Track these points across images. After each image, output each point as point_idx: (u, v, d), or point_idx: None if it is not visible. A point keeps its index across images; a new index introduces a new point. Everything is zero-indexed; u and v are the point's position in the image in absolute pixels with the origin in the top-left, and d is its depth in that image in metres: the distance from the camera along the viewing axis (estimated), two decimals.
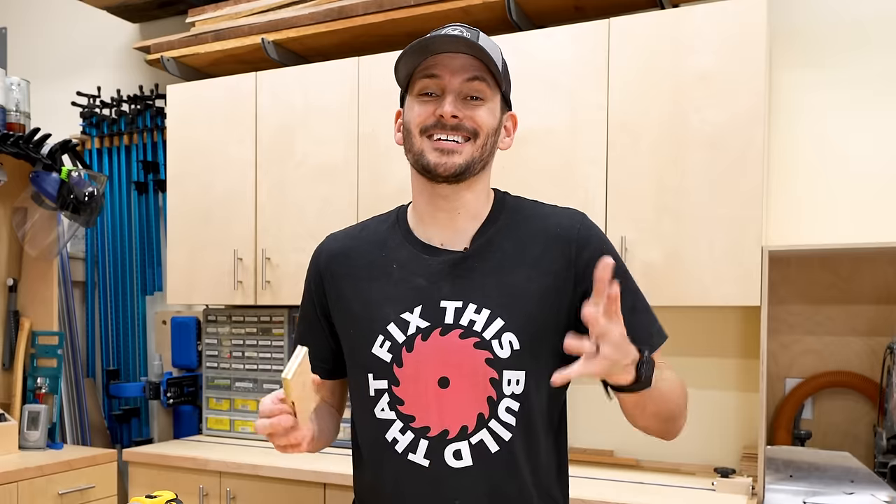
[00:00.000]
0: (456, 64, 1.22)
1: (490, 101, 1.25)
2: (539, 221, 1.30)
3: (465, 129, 1.23)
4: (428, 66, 1.23)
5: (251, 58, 3.08)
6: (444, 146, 1.23)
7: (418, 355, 1.25)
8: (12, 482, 2.61)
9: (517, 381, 1.24)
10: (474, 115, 1.23)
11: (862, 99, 2.42)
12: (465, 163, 1.23)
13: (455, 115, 1.21)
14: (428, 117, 1.23)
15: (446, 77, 1.23)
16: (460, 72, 1.22)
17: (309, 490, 2.51)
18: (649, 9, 2.53)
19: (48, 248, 3.13)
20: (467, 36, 1.21)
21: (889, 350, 2.27)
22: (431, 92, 1.24)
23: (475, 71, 1.23)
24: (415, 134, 1.25)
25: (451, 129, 1.22)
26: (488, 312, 1.24)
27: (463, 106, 1.23)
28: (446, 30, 1.23)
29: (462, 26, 1.24)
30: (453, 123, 1.22)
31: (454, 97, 1.22)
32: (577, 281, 1.26)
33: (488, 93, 1.24)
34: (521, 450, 1.25)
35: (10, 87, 2.99)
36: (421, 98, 1.25)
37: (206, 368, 3.22)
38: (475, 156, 1.24)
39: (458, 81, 1.22)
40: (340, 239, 1.40)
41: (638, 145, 2.35)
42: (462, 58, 1.23)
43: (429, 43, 1.21)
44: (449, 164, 1.23)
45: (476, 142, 1.24)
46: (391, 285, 1.29)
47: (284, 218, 2.89)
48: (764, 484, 2.20)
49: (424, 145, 1.24)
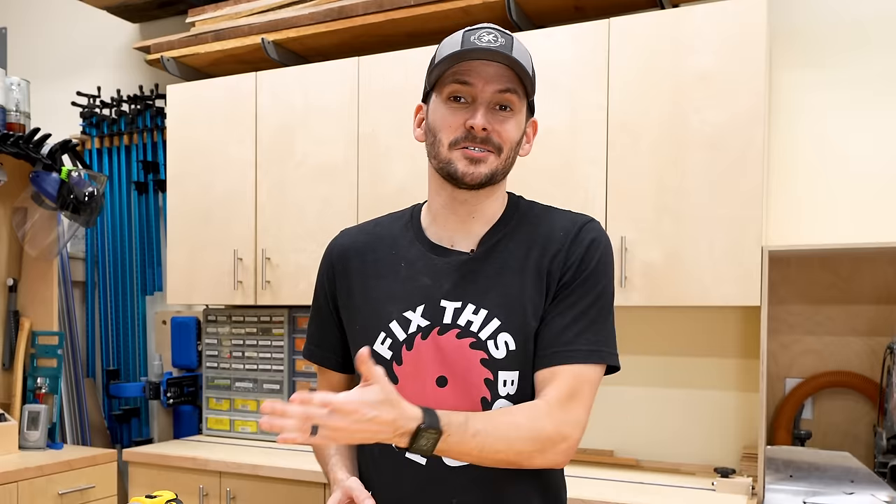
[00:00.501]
0: (490, 72, 1.21)
1: (518, 114, 1.25)
2: (546, 226, 1.30)
3: (493, 143, 1.23)
4: (461, 72, 1.22)
5: (251, 58, 3.08)
6: (473, 155, 1.22)
7: (417, 354, 1.26)
8: (12, 482, 2.61)
9: (512, 382, 1.24)
10: (502, 129, 1.23)
11: (862, 99, 2.42)
12: (489, 173, 1.24)
13: (485, 127, 1.21)
14: (458, 128, 1.22)
15: (479, 85, 1.21)
16: (493, 81, 1.21)
17: (309, 490, 2.51)
18: (649, 9, 2.53)
19: (48, 248, 3.13)
20: (502, 43, 1.20)
21: (889, 350, 2.27)
22: (461, 97, 1.22)
23: (508, 82, 1.21)
24: (444, 143, 1.24)
25: (480, 142, 1.22)
26: (485, 313, 1.25)
27: (492, 117, 1.22)
28: (479, 33, 1.21)
29: (497, 31, 1.22)
30: (483, 136, 1.22)
31: (486, 109, 1.21)
32: (548, 276, 1.25)
33: (517, 104, 1.24)
34: None
35: (10, 87, 2.99)
36: (450, 103, 1.23)
37: (206, 368, 3.22)
38: (498, 168, 1.25)
39: (490, 91, 1.21)
40: (353, 234, 1.41)
41: (638, 145, 2.35)
42: (496, 66, 1.21)
43: (466, 52, 1.19)
44: (476, 173, 1.23)
45: (500, 156, 1.24)
46: (398, 283, 1.30)
47: (284, 218, 2.89)
48: (764, 484, 2.20)
49: (453, 155, 1.24)
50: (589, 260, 1.25)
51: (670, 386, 2.64)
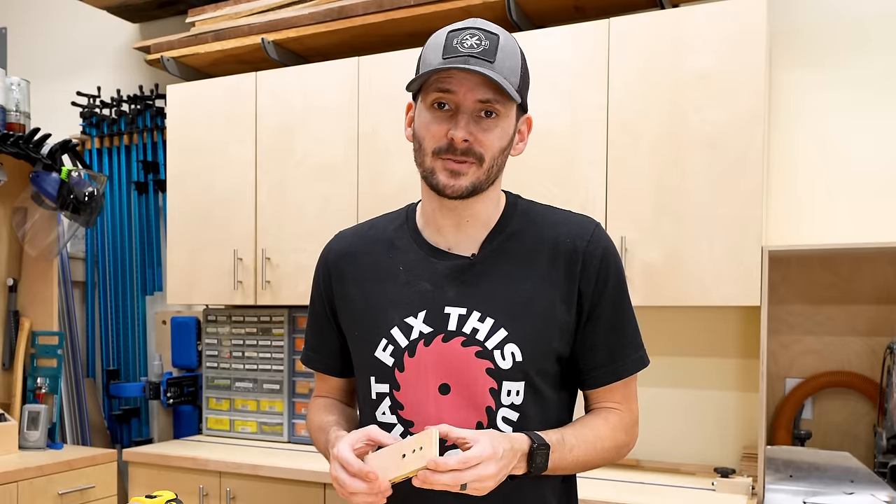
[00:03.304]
0: (473, 79, 1.18)
1: (504, 119, 1.22)
2: (549, 230, 1.29)
3: (474, 153, 1.21)
4: (443, 79, 1.20)
5: (251, 58, 3.08)
6: (454, 167, 1.21)
7: (420, 361, 1.25)
8: (12, 482, 2.61)
9: (517, 392, 1.24)
10: (485, 138, 1.20)
11: (862, 99, 2.42)
12: (471, 185, 1.22)
13: (466, 139, 1.19)
14: (441, 138, 1.21)
15: (461, 93, 1.19)
16: (476, 89, 1.19)
17: (309, 490, 2.51)
18: (649, 9, 2.52)
19: (48, 248, 3.13)
20: (486, 46, 1.18)
21: (889, 350, 2.27)
22: (445, 104, 1.21)
23: (490, 91, 1.19)
24: (427, 152, 1.23)
25: (461, 153, 1.21)
26: (492, 322, 1.24)
27: (475, 126, 1.20)
28: (464, 36, 1.20)
29: (482, 30, 1.21)
30: (464, 147, 1.20)
31: (468, 118, 1.20)
32: (579, 297, 1.26)
33: (503, 110, 1.21)
34: None
35: (10, 87, 2.99)
36: (434, 111, 1.22)
37: (206, 368, 3.22)
38: (481, 178, 1.23)
39: (473, 100, 1.19)
40: (348, 237, 1.40)
41: (638, 145, 2.35)
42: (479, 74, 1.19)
43: (445, 64, 1.18)
44: (457, 186, 1.22)
45: (483, 166, 1.22)
46: (397, 288, 1.29)
47: (284, 218, 2.89)
48: (764, 484, 2.20)
49: (436, 165, 1.23)
50: (610, 273, 1.28)
51: (670, 386, 2.64)
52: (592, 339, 1.27)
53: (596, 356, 1.28)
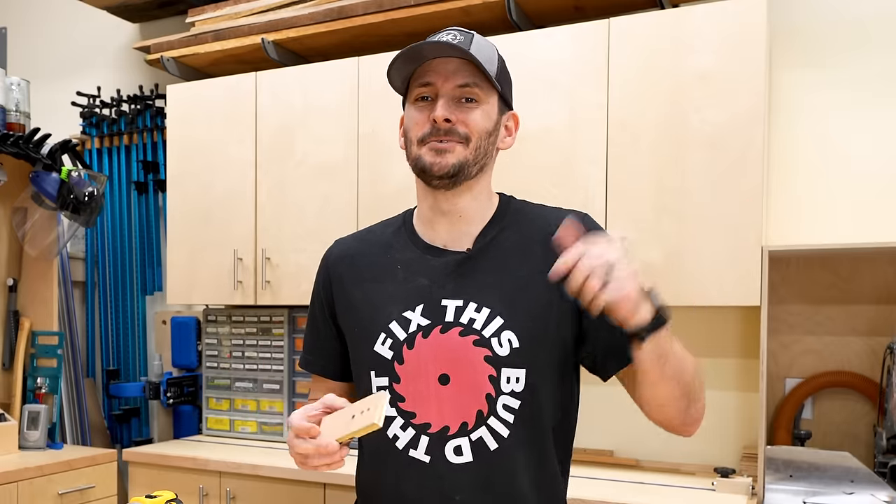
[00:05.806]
0: (449, 69, 1.25)
1: (484, 104, 1.27)
2: (541, 223, 1.31)
3: (458, 133, 1.25)
4: (422, 74, 1.26)
5: (251, 58, 3.08)
6: (437, 146, 1.25)
7: (419, 352, 1.27)
8: (12, 482, 2.61)
9: (517, 379, 1.24)
10: (467, 118, 1.25)
11: (862, 99, 2.42)
12: (457, 162, 1.25)
13: (448, 118, 1.23)
14: (424, 125, 1.26)
15: (439, 82, 1.25)
16: (453, 76, 1.25)
17: (309, 490, 2.51)
18: (649, 9, 2.52)
19: (48, 248, 3.13)
20: (460, 40, 1.24)
21: (889, 350, 2.27)
22: (427, 96, 1.27)
23: (468, 76, 1.25)
24: (413, 141, 1.28)
25: (444, 134, 1.25)
26: (488, 311, 1.25)
27: (456, 108, 1.25)
28: (439, 35, 1.26)
29: (456, 30, 1.27)
30: (446, 127, 1.24)
31: (447, 100, 1.24)
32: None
33: (482, 95, 1.26)
34: (519, 447, 1.25)
35: (10, 87, 2.99)
36: (417, 104, 1.28)
37: (206, 368, 3.22)
38: (468, 158, 1.26)
39: (451, 86, 1.25)
40: (347, 242, 1.44)
41: (638, 145, 2.35)
42: (455, 62, 1.25)
43: (419, 49, 1.24)
44: (443, 163, 1.25)
45: (469, 145, 1.26)
46: (395, 285, 1.32)
47: (284, 218, 2.89)
48: (764, 484, 2.20)
49: (422, 150, 1.27)
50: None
51: None
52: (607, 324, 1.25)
53: (614, 340, 1.26)
